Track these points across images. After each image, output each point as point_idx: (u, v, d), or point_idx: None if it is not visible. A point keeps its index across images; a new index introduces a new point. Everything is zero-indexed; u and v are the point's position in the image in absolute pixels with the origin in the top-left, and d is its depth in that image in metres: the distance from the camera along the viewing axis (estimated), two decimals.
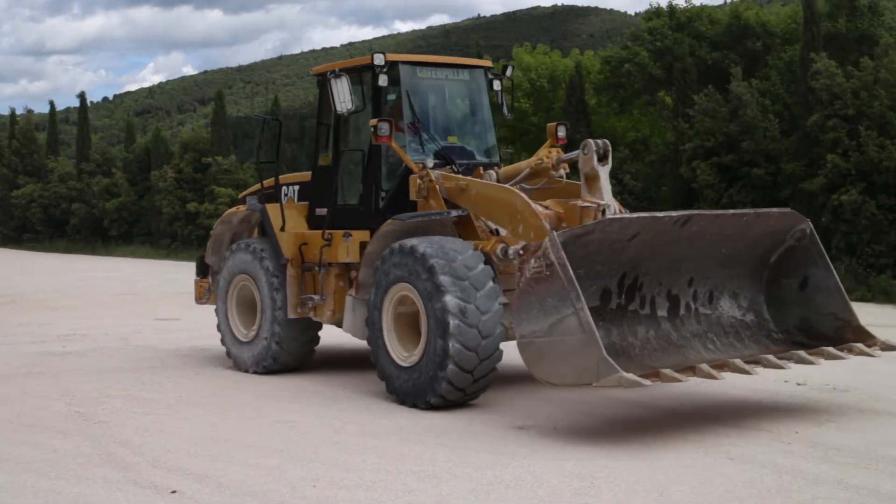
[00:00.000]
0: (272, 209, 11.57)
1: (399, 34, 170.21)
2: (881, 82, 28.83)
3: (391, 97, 10.97)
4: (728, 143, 27.98)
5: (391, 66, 10.71)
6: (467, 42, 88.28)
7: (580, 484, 6.66)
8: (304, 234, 11.31)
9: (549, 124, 11.11)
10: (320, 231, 10.99)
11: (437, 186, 10.09)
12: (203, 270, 13.35)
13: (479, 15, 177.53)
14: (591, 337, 7.40)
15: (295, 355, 11.51)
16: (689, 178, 28.92)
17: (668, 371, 7.80)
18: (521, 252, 8.14)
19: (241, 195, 13.78)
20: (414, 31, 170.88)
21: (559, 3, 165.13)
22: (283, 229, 11.30)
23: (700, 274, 9.10)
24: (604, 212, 8.88)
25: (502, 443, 7.95)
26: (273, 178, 12.42)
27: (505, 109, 11.84)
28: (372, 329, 9.73)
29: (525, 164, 10.51)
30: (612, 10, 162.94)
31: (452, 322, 8.69)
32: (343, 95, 10.36)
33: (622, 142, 36.36)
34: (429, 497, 6.43)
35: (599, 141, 9.23)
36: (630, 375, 7.38)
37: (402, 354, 9.49)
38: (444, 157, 10.55)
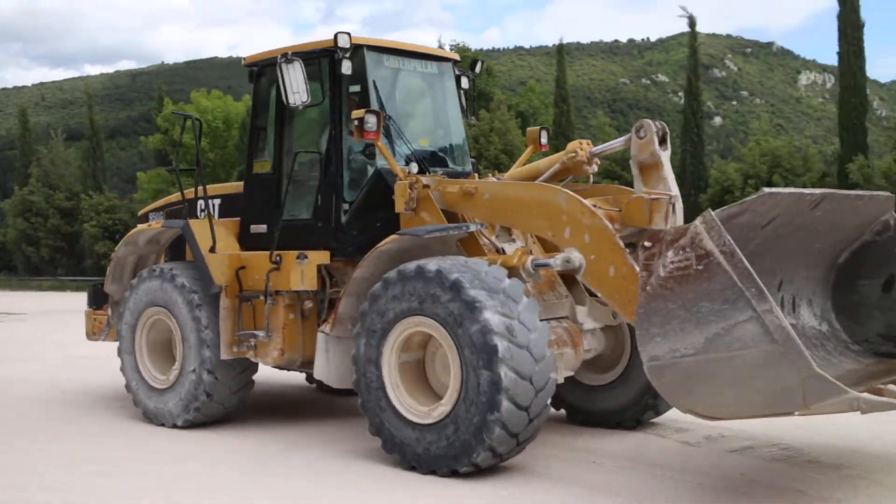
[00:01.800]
0: (198, 226, 9.29)
1: (89, 76, 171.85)
2: (496, 130, 38.43)
3: (355, 88, 9.07)
4: None
5: (355, 51, 8.80)
6: (152, 86, 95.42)
7: None
8: (241, 256, 9.14)
9: (529, 129, 9.72)
10: (261, 252, 8.89)
11: (432, 194, 8.29)
12: (98, 301, 10.95)
13: (162, 62, 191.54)
14: (791, 347, 5.41)
15: (227, 403, 9.25)
16: None
17: (893, 387, 6.09)
18: (647, 245, 6.03)
19: (141, 212, 11.42)
20: (103, 75, 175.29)
21: (234, 56, 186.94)
22: (212, 250, 9.07)
23: (787, 276, 7.52)
24: (674, 206, 7.43)
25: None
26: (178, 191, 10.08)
27: (469, 112, 10.21)
28: (366, 387, 7.55)
29: (544, 163, 8.82)
30: None
31: (500, 344, 6.74)
32: (297, 85, 8.30)
33: None
34: None
35: (657, 122, 7.74)
36: (868, 395, 5.59)
37: (419, 410, 7.35)
38: (417, 163, 8.71)
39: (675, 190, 7.54)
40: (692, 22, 41.54)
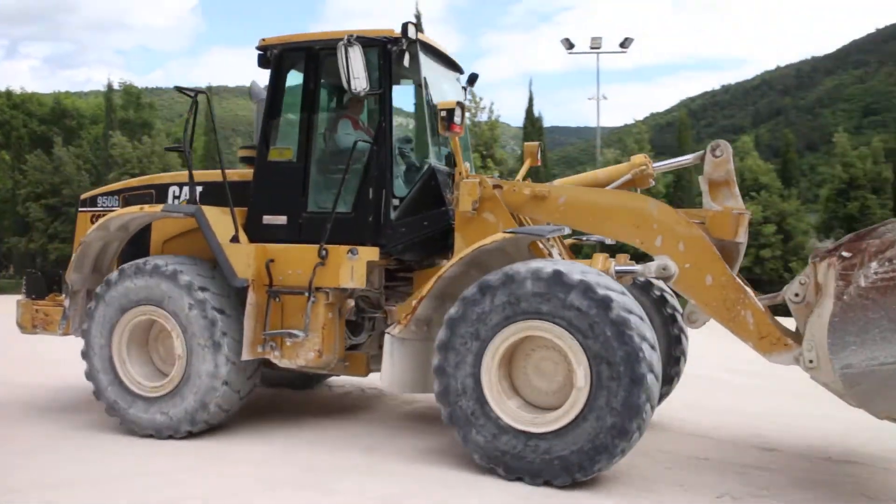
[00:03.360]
0: (214, 214, 8.26)
1: None
2: (156, 153, 46.13)
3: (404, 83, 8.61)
4: (53, 189, 46.62)
5: (409, 45, 8.29)
6: None
7: None
8: (266, 247, 8.23)
9: (527, 144, 9.83)
10: (293, 245, 8.16)
11: (499, 195, 8.01)
12: (38, 290, 9.22)
13: None
14: None
15: (243, 394, 8.29)
16: (24, 214, 47.04)
17: None
18: (845, 255, 6.01)
19: (85, 195, 9.67)
20: None
21: None
22: (235, 240, 8.14)
23: None
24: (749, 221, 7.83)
25: None
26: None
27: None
28: (460, 397, 6.99)
29: (604, 173, 8.81)
30: None
31: (630, 318, 6.53)
32: (357, 70, 7.66)
33: None
34: None
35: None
36: None
37: (524, 417, 6.90)
38: (469, 163, 8.45)
39: (743, 205, 7.96)
40: None
